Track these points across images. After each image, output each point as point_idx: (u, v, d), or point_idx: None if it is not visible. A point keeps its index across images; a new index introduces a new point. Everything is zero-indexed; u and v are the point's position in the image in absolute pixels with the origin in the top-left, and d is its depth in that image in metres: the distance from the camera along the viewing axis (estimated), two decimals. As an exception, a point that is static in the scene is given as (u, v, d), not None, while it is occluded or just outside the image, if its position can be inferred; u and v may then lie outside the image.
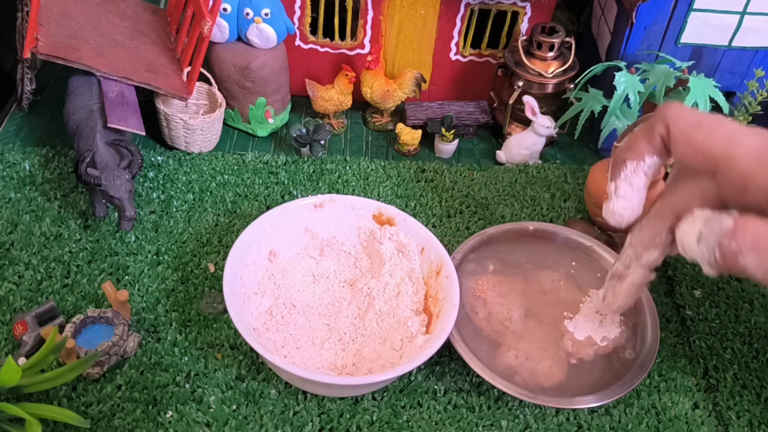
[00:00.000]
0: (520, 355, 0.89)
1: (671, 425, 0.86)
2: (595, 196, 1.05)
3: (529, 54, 1.16)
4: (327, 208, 0.99)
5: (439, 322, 0.87)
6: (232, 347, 0.90)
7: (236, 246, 0.90)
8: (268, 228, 0.95)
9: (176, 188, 1.10)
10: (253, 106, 1.18)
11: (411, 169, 1.17)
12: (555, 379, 0.87)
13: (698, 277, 1.02)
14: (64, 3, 1.11)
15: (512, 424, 0.85)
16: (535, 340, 0.91)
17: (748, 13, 1.07)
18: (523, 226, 1.03)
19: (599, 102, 1.10)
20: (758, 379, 0.91)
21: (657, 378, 0.91)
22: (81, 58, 1.04)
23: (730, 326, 0.96)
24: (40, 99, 1.24)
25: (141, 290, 0.95)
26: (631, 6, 1.07)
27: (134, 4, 1.22)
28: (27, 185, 1.07)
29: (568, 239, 1.02)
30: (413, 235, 0.97)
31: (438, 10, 1.18)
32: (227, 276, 0.87)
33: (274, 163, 1.16)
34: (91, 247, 1.00)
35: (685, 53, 1.12)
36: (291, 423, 0.83)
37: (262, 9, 1.10)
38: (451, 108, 1.25)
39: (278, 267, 0.97)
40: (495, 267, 0.99)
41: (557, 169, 1.19)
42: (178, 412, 0.83)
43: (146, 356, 0.88)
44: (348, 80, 1.19)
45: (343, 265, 0.99)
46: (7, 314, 0.90)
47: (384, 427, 0.83)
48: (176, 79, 1.13)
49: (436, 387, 0.88)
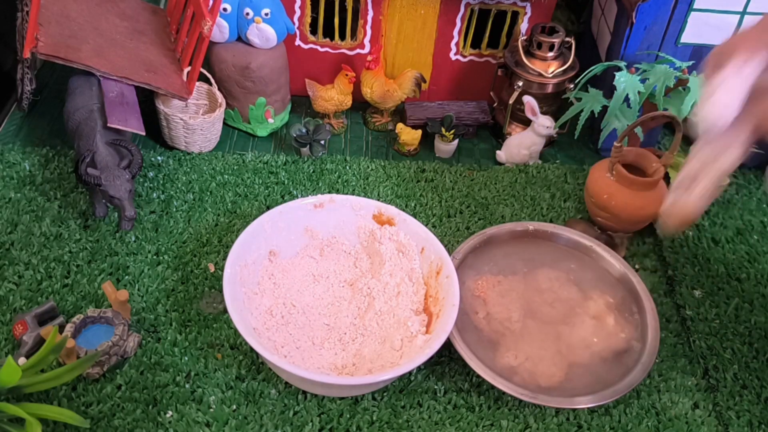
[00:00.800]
0: (520, 355, 0.89)
1: (671, 425, 0.86)
2: (595, 196, 1.05)
3: (529, 54, 1.16)
4: (327, 208, 0.99)
5: (439, 322, 0.87)
6: (232, 347, 0.90)
7: (236, 246, 0.91)
8: (268, 228, 0.95)
9: (176, 188, 1.10)
10: (253, 106, 1.18)
11: (411, 169, 1.17)
12: (555, 379, 0.87)
13: (698, 277, 1.02)
14: (64, 3, 1.11)
15: (512, 424, 0.85)
16: (535, 340, 0.91)
17: (748, 13, 1.07)
18: (523, 226, 1.03)
19: (599, 102, 1.10)
20: (758, 379, 0.91)
21: (657, 378, 0.91)
22: (81, 58, 1.04)
23: (730, 326, 0.96)
24: (40, 99, 1.24)
25: (141, 290, 0.95)
26: (631, 6, 1.07)
27: (134, 4, 1.22)
28: (27, 185, 1.07)
29: (569, 239, 1.02)
30: (413, 235, 0.97)
31: (438, 10, 1.18)
32: (227, 276, 0.87)
33: (274, 163, 1.16)
34: (91, 247, 1.00)
35: (685, 53, 1.12)
36: (291, 423, 0.83)
37: (262, 9, 1.10)
38: (451, 108, 1.25)
39: (278, 267, 0.97)
40: (495, 267, 0.99)
41: (557, 169, 1.19)
42: (178, 412, 0.83)
43: (146, 356, 0.88)
44: (348, 80, 1.19)
45: (343, 265, 0.99)
46: (7, 314, 0.90)
47: (384, 427, 0.84)
48: (176, 79, 1.13)
49: (436, 387, 0.88)
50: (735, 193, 1.16)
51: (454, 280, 0.90)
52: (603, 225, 1.07)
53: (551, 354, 0.89)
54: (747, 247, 1.07)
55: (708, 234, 1.08)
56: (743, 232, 1.09)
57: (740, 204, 1.14)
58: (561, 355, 0.89)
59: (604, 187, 1.04)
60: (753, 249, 1.06)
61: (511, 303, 0.94)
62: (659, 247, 1.07)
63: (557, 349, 0.90)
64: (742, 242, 1.07)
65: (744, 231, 1.09)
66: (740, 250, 1.06)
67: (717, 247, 1.07)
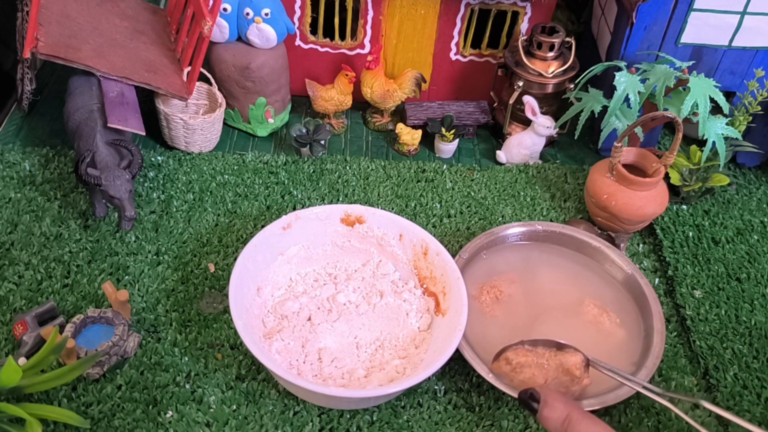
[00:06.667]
0: (521, 353, 0.89)
1: (671, 425, 0.86)
2: (595, 196, 1.05)
3: (529, 54, 1.16)
4: (294, 227, 0.96)
5: (450, 299, 0.89)
6: (232, 347, 0.90)
7: (232, 291, 0.86)
8: (251, 266, 0.91)
9: (176, 188, 1.10)
10: (253, 106, 1.18)
11: (411, 169, 1.17)
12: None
13: (698, 277, 1.02)
14: (64, 3, 1.11)
15: (512, 424, 0.85)
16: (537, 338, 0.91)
17: (748, 13, 1.06)
18: (530, 226, 1.03)
19: (599, 102, 1.10)
20: (758, 379, 0.91)
21: (657, 378, 0.91)
22: (81, 58, 1.04)
23: (730, 326, 0.96)
24: (40, 99, 1.24)
25: (141, 290, 0.95)
26: (631, 6, 1.07)
27: (134, 4, 1.22)
28: (27, 185, 1.07)
29: (574, 239, 1.02)
30: (388, 225, 0.97)
31: (438, 10, 1.18)
32: (239, 326, 0.82)
33: (274, 163, 1.16)
34: (91, 247, 1.00)
35: (685, 53, 1.12)
36: (291, 423, 0.83)
37: (262, 9, 1.10)
38: (451, 108, 1.25)
39: (270, 300, 0.94)
40: (499, 266, 0.99)
41: (557, 169, 1.19)
42: (178, 412, 0.83)
43: (146, 356, 0.88)
44: (348, 80, 1.19)
45: (328, 275, 0.98)
46: (7, 314, 0.90)
47: (384, 427, 0.83)
48: (176, 79, 1.13)
49: (436, 387, 0.88)
50: (735, 193, 1.16)
51: (445, 255, 0.91)
52: (603, 225, 1.07)
53: (554, 354, 0.89)
54: (747, 247, 1.07)
55: (708, 234, 1.08)
56: (743, 232, 1.09)
57: (740, 204, 1.14)
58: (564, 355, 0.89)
59: (604, 187, 1.04)
60: (753, 249, 1.06)
61: (515, 303, 0.94)
62: (659, 247, 1.07)
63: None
64: (742, 242, 1.07)
65: (744, 231, 1.09)
66: (740, 250, 1.06)
67: (717, 247, 1.07)
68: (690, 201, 1.13)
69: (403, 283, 0.96)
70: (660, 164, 1.02)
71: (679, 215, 1.11)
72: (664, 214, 1.10)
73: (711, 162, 1.09)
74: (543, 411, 0.73)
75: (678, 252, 1.05)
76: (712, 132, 1.05)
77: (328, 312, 0.92)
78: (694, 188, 1.11)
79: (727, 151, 1.07)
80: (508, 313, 0.94)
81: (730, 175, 1.20)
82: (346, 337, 0.90)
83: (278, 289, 0.95)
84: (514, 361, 0.82)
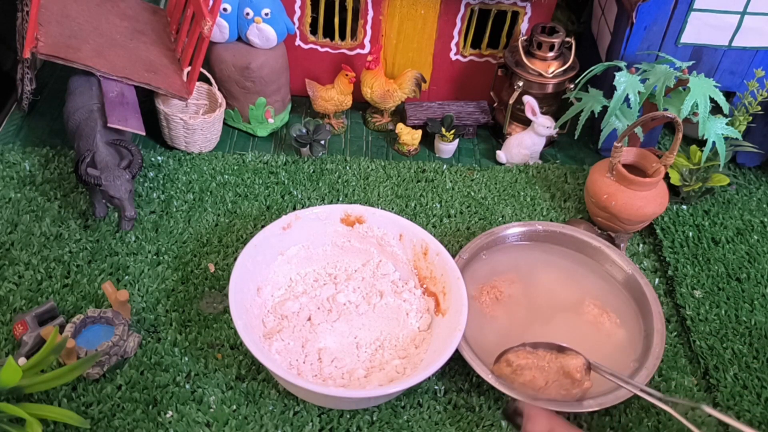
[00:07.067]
0: (522, 355, 0.89)
1: (671, 425, 0.86)
2: (595, 196, 1.05)
3: (529, 54, 1.16)
4: (294, 227, 0.96)
5: (450, 299, 0.88)
6: (232, 347, 0.90)
7: (232, 291, 0.86)
8: (251, 266, 0.91)
9: (176, 188, 1.10)
10: (253, 106, 1.18)
11: (411, 169, 1.17)
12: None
13: (698, 277, 1.02)
14: (64, 3, 1.11)
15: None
16: (538, 340, 0.90)
17: (748, 13, 1.06)
18: (530, 226, 1.03)
19: (599, 102, 1.09)
20: (758, 379, 0.91)
21: (657, 378, 0.90)
22: (81, 58, 1.04)
23: (730, 326, 0.96)
24: (40, 99, 1.24)
25: (141, 290, 0.95)
26: (631, 6, 1.07)
27: (134, 4, 1.22)
28: (27, 185, 1.07)
29: (575, 239, 1.02)
30: (388, 225, 0.97)
31: (438, 10, 1.18)
32: (239, 327, 0.82)
33: (274, 163, 1.16)
34: (91, 247, 1.00)
35: (685, 53, 1.12)
36: (291, 423, 0.83)
37: (262, 9, 1.10)
38: (451, 108, 1.25)
39: (270, 300, 0.94)
40: (500, 267, 0.99)
41: (557, 169, 1.19)
42: (178, 412, 0.83)
43: (146, 356, 0.88)
44: (348, 80, 1.19)
45: (328, 275, 0.98)
46: (7, 314, 0.90)
47: (384, 427, 0.83)
48: (176, 79, 1.13)
49: (436, 387, 0.88)
50: (735, 193, 1.16)
51: (445, 255, 0.91)
52: (603, 225, 1.07)
53: (553, 354, 0.89)
54: (747, 247, 1.07)
55: (708, 234, 1.08)
56: (743, 232, 1.09)
57: (740, 204, 1.14)
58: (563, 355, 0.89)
59: (604, 187, 1.04)
60: (753, 249, 1.06)
61: (515, 303, 0.94)
62: (659, 247, 1.07)
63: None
64: (742, 242, 1.07)
65: (744, 231, 1.09)
66: (740, 250, 1.06)
67: (717, 247, 1.07)
68: (690, 201, 1.13)
69: (403, 283, 0.96)
70: (660, 164, 1.02)
71: (679, 215, 1.11)
72: (664, 214, 1.10)
73: (711, 162, 1.09)
74: (527, 425, 0.74)
75: (678, 252, 1.05)
76: (712, 132, 1.05)
77: (328, 312, 0.92)
78: (694, 188, 1.11)
79: (727, 151, 1.07)
80: (508, 313, 0.94)
81: (730, 175, 1.20)
82: (346, 337, 0.90)
83: (278, 289, 0.95)
84: (515, 363, 0.82)
